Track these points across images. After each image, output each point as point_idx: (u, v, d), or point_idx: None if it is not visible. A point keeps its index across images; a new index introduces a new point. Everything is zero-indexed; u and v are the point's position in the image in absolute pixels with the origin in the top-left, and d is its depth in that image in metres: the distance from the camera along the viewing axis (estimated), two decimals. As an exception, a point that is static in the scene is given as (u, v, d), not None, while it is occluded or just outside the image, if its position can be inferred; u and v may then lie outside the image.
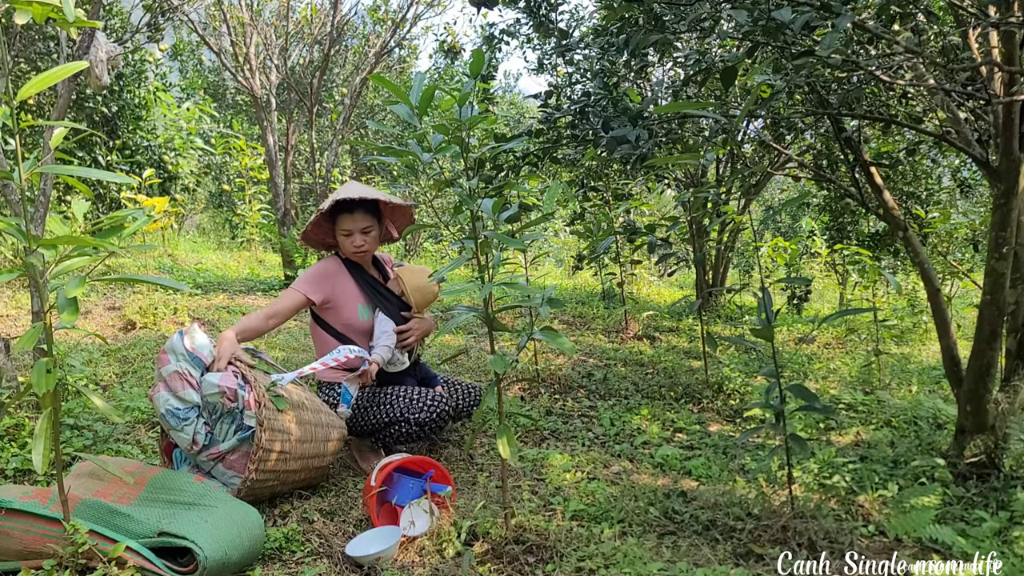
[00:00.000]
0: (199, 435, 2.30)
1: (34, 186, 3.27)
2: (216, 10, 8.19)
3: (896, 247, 5.82)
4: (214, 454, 2.34)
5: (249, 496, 2.32)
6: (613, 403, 3.70)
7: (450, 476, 2.43)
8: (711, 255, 6.36)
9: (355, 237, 2.81)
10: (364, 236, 2.82)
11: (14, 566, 1.83)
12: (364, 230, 2.81)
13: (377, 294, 2.90)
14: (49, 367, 1.70)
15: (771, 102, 3.01)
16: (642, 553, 2.10)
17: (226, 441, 2.34)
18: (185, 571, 1.84)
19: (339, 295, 2.83)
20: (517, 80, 23.90)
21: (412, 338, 2.88)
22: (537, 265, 8.76)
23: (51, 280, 1.79)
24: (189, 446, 2.31)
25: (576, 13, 5.42)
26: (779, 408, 2.23)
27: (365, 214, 2.81)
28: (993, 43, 2.56)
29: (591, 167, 4.85)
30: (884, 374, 4.27)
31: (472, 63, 2.05)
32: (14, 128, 1.63)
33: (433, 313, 5.86)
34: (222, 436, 2.36)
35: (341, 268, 2.88)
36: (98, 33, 3.61)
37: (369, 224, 2.82)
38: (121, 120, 7.84)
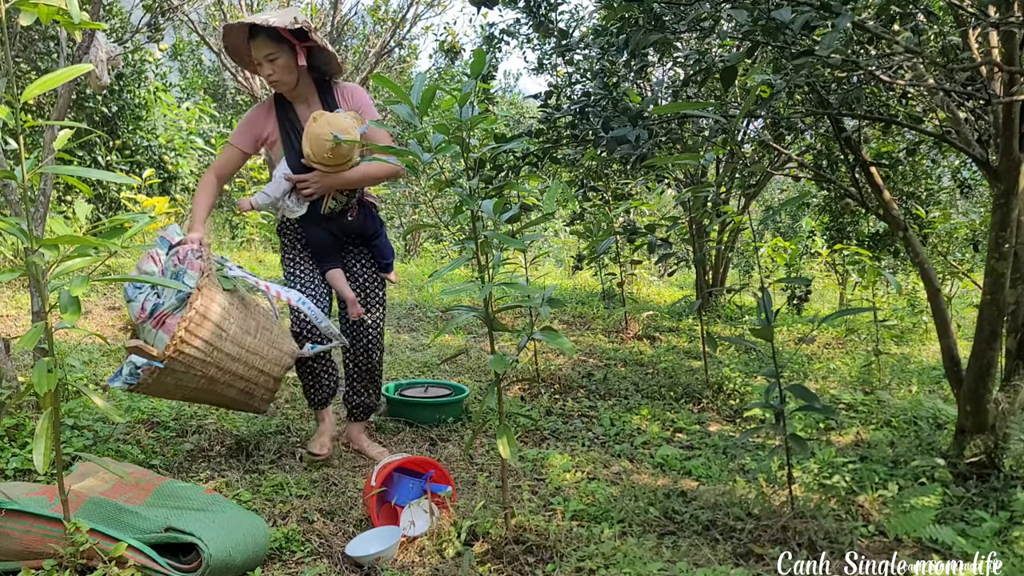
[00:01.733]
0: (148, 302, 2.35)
1: (34, 186, 3.27)
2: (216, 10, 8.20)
3: (896, 247, 5.82)
4: (157, 318, 2.35)
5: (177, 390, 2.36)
6: (613, 403, 3.70)
7: (450, 476, 2.43)
8: (711, 255, 6.36)
9: (264, 66, 2.61)
10: (271, 64, 2.59)
11: (14, 566, 1.83)
12: (268, 57, 2.58)
13: (287, 136, 2.72)
14: (50, 367, 1.70)
15: (771, 102, 3.01)
16: (642, 553, 2.10)
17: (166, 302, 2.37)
18: (188, 568, 1.84)
19: (268, 138, 2.75)
20: (517, 80, 23.87)
21: (308, 189, 2.68)
22: (537, 265, 8.76)
23: (51, 280, 1.79)
24: (138, 314, 2.36)
25: (576, 13, 5.43)
26: (779, 408, 2.23)
27: (266, 40, 2.56)
28: (993, 43, 2.57)
29: (591, 167, 4.85)
30: (884, 374, 4.27)
31: (472, 63, 2.05)
32: (16, 129, 1.64)
33: (433, 313, 5.87)
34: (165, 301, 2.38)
35: (271, 109, 2.74)
36: (98, 33, 3.61)
37: (271, 51, 2.57)
38: (121, 120, 7.83)
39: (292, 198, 2.73)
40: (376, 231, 2.88)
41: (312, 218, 2.76)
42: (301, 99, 2.73)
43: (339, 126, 2.56)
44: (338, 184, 2.69)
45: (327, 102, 2.74)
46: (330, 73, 2.76)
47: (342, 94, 2.77)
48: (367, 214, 2.84)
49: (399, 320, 5.66)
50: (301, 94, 2.73)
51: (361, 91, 2.82)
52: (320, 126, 2.57)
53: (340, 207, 2.77)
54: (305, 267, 2.82)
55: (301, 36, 2.58)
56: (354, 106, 2.75)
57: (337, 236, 2.82)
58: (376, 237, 2.89)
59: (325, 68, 2.73)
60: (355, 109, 2.74)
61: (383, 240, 2.92)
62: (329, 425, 2.85)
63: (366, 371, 2.92)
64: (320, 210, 2.75)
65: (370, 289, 2.89)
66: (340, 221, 2.79)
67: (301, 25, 2.50)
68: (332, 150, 2.57)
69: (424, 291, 6.71)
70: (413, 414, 3.30)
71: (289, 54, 2.60)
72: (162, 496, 2.13)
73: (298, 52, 2.61)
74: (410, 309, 6.02)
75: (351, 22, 9.81)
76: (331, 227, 2.80)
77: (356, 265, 2.89)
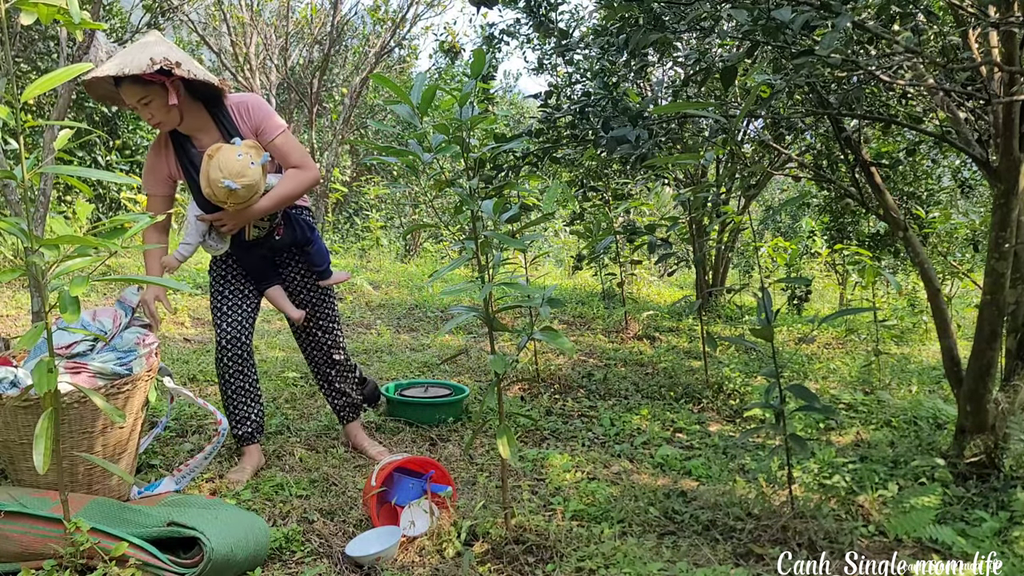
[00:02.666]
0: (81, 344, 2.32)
1: (34, 186, 3.27)
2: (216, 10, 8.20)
3: (896, 247, 5.82)
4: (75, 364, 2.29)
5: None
6: (613, 403, 3.70)
7: (450, 476, 2.43)
8: (711, 255, 6.36)
9: (141, 111, 2.43)
10: (146, 108, 2.41)
11: (14, 567, 1.84)
12: (140, 102, 2.39)
13: (188, 175, 2.56)
14: (50, 367, 1.70)
15: (771, 102, 3.01)
16: (642, 553, 2.10)
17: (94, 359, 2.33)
18: (190, 563, 1.85)
19: (174, 177, 2.61)
20: (517, 80, 23.87)
21: (225, 227, 2.57)
22: (537, 265, 8.76)
23: (51, 280, 1.79)
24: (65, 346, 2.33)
25: (576, 13, 5.43)
26: (779, 408, 2.23)
27: (131, 86, 2.37)
28: (993, 43, 2.57)
29: (591, 167, 4.85)
30: (884, 374, 4.27)
31: (472, 63, 2.05)
32: (17, 128, 1.64)
33: (433, 313, 5.87)
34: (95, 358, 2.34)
35: (167, 146, 2.58)
36: (98, 33, 3.61)
37: (141, 95, 2.38)
38: (121, 120, 7.83)
39: (212, 236, 2.63)
40: (307, 238, 2.74)
41: (239, 246, 2.67)
42: (196, 129, 2.55)
43: (231, 169, 2.39)
44: (252, 217, 2.56)
45: (224, 127, 2.54)
46: (215, 99, 2.53)
47: (238, 112, 2.56)
48: (295, 225, 2.71)
49: (399, 320, 5.66)
50: (193, 126, 2.53)
51: (256, 103, 2.59)
52: (213, 169, 2.40)
53: (264, 232, 2.66)
54: (234, 290, 2.71)
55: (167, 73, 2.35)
56: (253, 125, 2.56)
57: (268, 256, 2.74)
58: (309, 244, 2.75)
59: (207, 93, 2.51)
60: (254, 128, 2.56)
61: (316, 246, 2.77)
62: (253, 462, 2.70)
63: (334, 374, 2.87)
64: (244, 239, 2.65)
65: (313, 297, 2.81)
66: (268, 242, 2.69)
67: (160, 64, 2.29)
68: (231, 194, 2.42)
69: (424, 291, 6.71)
70: (413, 414, 3.30)
71: (160, 94, 2.40)
72: (166, 503, 2.15)
73: (169, 90, 2.41)
74: (410, 309, 6.02)
75: (351, 22, 9.81)
76: (261, 250, 2.71)
77: (295, 277, 2.79)
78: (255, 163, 2.43)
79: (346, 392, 2.91)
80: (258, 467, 2.69)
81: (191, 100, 2.49)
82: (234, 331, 2.66)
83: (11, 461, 2.17)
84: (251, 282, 2.76)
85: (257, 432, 2.73)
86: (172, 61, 2.31)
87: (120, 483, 2.27)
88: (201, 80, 2.40)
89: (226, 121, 2.54)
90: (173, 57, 2.32)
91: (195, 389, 3.57)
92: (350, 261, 8.22)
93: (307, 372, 3.94)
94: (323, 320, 2.83)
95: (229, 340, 2.65)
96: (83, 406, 2.10)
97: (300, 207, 2.76)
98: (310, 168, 2.60)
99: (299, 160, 2.58)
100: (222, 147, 2.43)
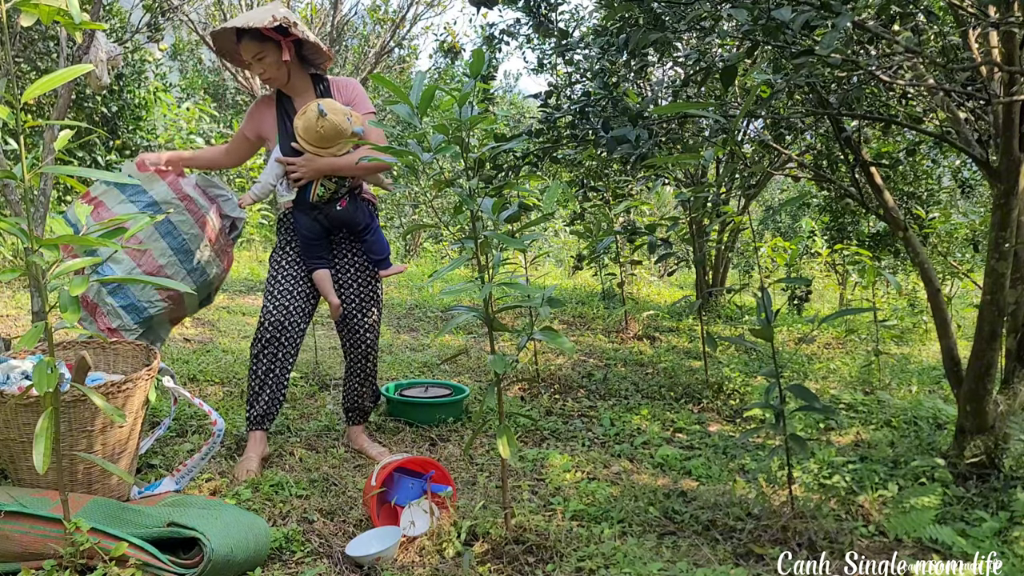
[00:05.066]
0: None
1: (34, 187, 3.27)
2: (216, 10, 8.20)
3: (896, 247, 5.82)
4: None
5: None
6: (613, 403, 3.70)
7: (450, 476, 2.43)
8: (711, 255, 6.36)
9: (254, 66, 2.69)
10: (260, 63, 2.67)
11: (14, 567, 1.84)
12: (256, 57, 2.65)
13: (282, 123, 2.78)
14: (50, 367, 1.70)
15: (771, 102, 3.01)
16: (642, 553, 2.10)
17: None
18: (190, 564, 1.85)
19: (266, 128, 2.82)
20: (517, 80, 23.90)
21: (297, 172, 2.70)
22: (537, 265, 8.76)
23: (51, 280, 1.79)
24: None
25: (576, 13, 5.43)
26: (779, 408, 2.23)
27: (251, 41, 2.63)
28: (993, 43, 2.57)
29: (591, 167, 4.85)
30: (884, 374, 4.27)
31: (472, 63, 2.05)
32: (17, 129, 1.64)
33: (433, 313, 5.87)
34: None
35: (272, 102, 2.82)
36: (98, 33, 3.61)
37: (258, 51, 2.64)
38: (121, 120, 7.83)
39: (283, 183, 2.76)
40: (366, 225, 2.82)
41: (301, 206, 2.77)
42: (297, 92, 2.78)
43: (333, 107, 2.62)
44: (325, 168, 2.69)
45: (322, 94, 2.79)
46: (319, 63, 2.80)
47: (336, 87, 2.80)
48: (358, 206, 2.80)
49: (399, 320, 5.66)
50: (296, 88, 2.77)
51: (354, 84, 2.84)
52: (317, 105, 2.62)
53: (329, 195, 2.74)
54: (288, 275, 2.80)
55: (283, 32, 2.62)
56: (347, 98, 2.78)
57: (326, 227, 2.79)
58: (367, 231, 2.83)
59: (314, 59, 2.78)
60: (348, 101, 2.77)
61: (375, 234, 2.85)
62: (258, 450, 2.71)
63: (362, 375, 2.90)
64: (308, 197, 2.74)
65: (362, 287, 2.85)
66: (329, 210, 2.76)
67: (280, 22, 2.54)
68: (321, 126, 2.60)
69: (424, 291, 6.70)
70: (413, 414, 3.29)
71: (275, 51, 2.64)
72: (167, 503, 2.15)
73: (283, 47, 2.65)
74: (410, 309, 6.02)
75: (351, 22, 9.81)
76: (319, 217, 2.77)
77: (346, 262, 2.85)
78: (351, 119, 2.66)
79: (364, 396, 2.93)
80: (264, 456, 2.73)
81: (299, 63, 2.75)
82: (278, 313, 2.73)
83: (11, 461, 2.17)
84: (304, 268, 2.83)
85: (264, 418, 2.75)
86: (291, 20, 2.57)
87: (120, 483, 2.27)
88: (312, 42, 2.68)
89: (324, 91, 2.78)
90: (292, 18, 2.59)
91: (195, 389, 3.56)
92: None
93: (307, 372, 3.94)
94: (367, 315, 2.86)
95: (271, 321, 2.73)
96: (83, 405, 2.10)
97: (367, 198, 2.88)
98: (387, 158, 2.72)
99: (376, 141, 2.73)
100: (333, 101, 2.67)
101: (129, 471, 2.31)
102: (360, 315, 2.85)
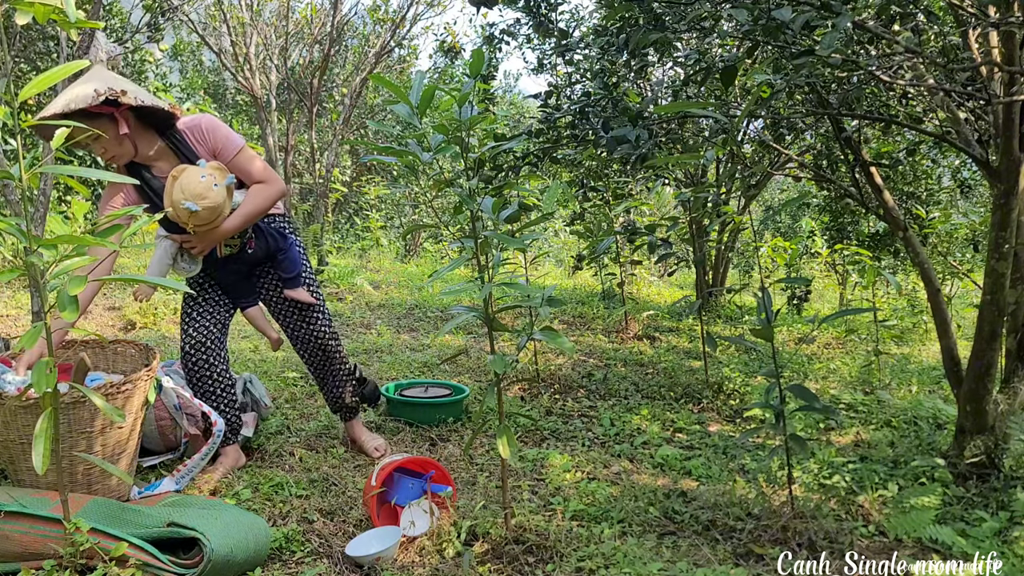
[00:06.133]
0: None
1: (33, 186, 3.27)
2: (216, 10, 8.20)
3: (896, 247, 5.82)
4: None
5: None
6: (613, 403, 3.70)
7: (450, 476, 2.43)
8: (711, 255, 6.36)
9: (95, 147, 2.31)
10: (99, 143, 2.31)
11: (14, 567, 1.84)
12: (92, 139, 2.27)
13: (151, 199, 2.48)
14: (49, 367, 1.70)
15: (771, 102, 3.01)
16: (642, 553, 2.10)
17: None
18: (190, 564, 1.85)
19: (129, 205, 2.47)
20: (517, 80, 23.85)
21: (196, 249, 2.51)
22: (537, 265, 8.76)
23: (51, 280, 1.79)
24: None
25: (576, 13, 5.43)
26: (779, 408, 2.23)
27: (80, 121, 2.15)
28: (993, 43, 2.57)
29: (591, 167, 4.85)
30: (884, 374, 4.27)
31: (471, 63, 2.05)
32: (15, 128, 1.64)
33: (433, 313, 5.87)
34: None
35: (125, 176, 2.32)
36: (98, 33, 3.61)
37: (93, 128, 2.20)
38: (121, 120, 7.83)
39: (183, 258, 2.58)
40: (279, 247, 2.67)
41: (213, 263, 2.63)
42: (153, 159, 2.47)
43: (193, 191, 2.32)
44: (221, 237, 2.49)
45: (181, 152, 2.46)
46: (167, 125, 2.44)
47: (193, 136, 2.47)
48: (267, 237, 2.65)
49: (399, 320, 5.66)
50: (150, 155, 2.45)
51: (209, 124, 2.49)
52: (176, 191, 2.33)
53: (236, 248, 2.62)
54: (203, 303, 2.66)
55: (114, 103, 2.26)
56: (210, 147, 2.48)
57: (244, 271, 2.70)
58: (280, 252, 2.68)
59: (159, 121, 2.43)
60: (211, 150, 2.48)
61: (288, 254, 2.68)
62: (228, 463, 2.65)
63: (331, 377, 2.83)
64: (216, 256, 2.61)
65: (291, 309, 2.75)
66: (242, 257, 2.64)
67: (106, 94, 2.19)
68: (193, 215, 2.34)
69: (424, 291, 6.70)
70: (413, 414, 3.29)
71: (110, 126, 2.31)
72: (167, 503, 2.14)
73: (119, 121, 2.32)
74: (410, 309, 6.02)
75: (351, 22, 9.81)
76: (236, 266, 2.67)
77: (273, 286, 2.75)
78: (218, 184, 2.37)
79: (342, 394, 2.87)
80: (234, 467, 2.65)
81: (143, 128, 2.42)
82: (199, 335, 2.61)
83: (11, 461, 2.17)
84: (227, 296, 2.73)
85: (230, 435, 2.68)
86: (117, 90, 2.23)
87: (120, 483, 2.27)
88: (149, 106, 2.32)
89: (182, 146, 2.45)
90: (118, 86, 2.25)
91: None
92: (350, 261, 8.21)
93: (307, 372, 3.94)
94: (313, 322, 2.75)
95: (192, 345, 2.61)
96: (83, 406, 2.10)
97: (273, 215, 2.70)
98: (274, 181, 2.54)
99: (261, 175, 2.52)
100: (187, 168, 2.36)
101: (129, 471, 2.31)
102: (306, 325, 2.75)
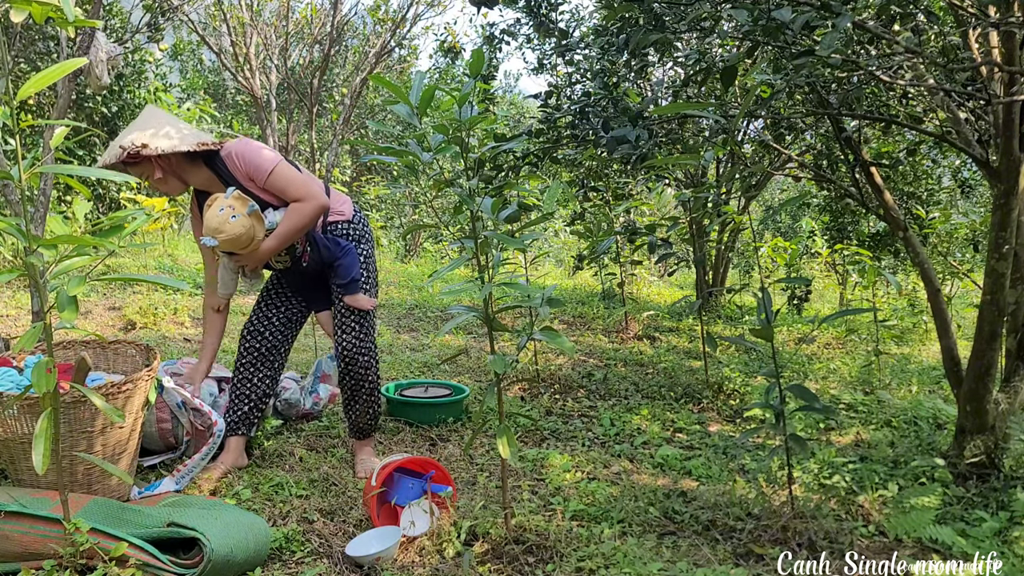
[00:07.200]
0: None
1: (34, 186, 3.27)
2: (216, 10, 8.21)
3: (896, 247, 5.82)
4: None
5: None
6: (613, 403, 3.70)
7: (450, 476, 2.43)
8: (711, 255, 6.36)
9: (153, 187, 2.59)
10: (151, 185, 2.56)
11: (14, 567, 1.84)
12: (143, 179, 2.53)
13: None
14: (49, 367, 1.69)
15: (771, 102, 3.01)
16: (642, 553, 2.10)
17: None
18: (190, 563, 1.85)
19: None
20: (517, 80, 23.87)
21: (248, 267, 2.66)
22: (537, 265, 8.76)
23: (51, 280, 1.79)
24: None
25: (576, 13, 5.43)
26: (779, 408, 2.23)
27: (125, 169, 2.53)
28: (993, 43, 2.57)
29: (591, 167, 4.85)
30: (884, 374, 4.27)
31: (471, 63, 2.05)
32: (14, 128, 1.64)
33: (433, 313, 5.87)
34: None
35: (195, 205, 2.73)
36: (98, 33, 3.60)
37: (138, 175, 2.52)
38: (121, 120, 7.83)
39: (244, 277, 2.74)
40: (335, 256, 2.69)
41: (280, 270, 2.78)
42: (206, 186, 2.63)
43: (209, 226, 2.45)
44: (264, 258, 2.60)
45: (225, 180, 2.58)
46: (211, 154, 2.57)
47: (232, 161, 2.57)
48: (320, 247, 2.68)
49: (399, 320, 5.66)
50: (202, 183, 2.61)
51: (242, 148, 2.58)
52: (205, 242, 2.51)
53: (289, 263, 2.71)
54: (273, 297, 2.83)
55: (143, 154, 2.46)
56: (243, 173, 2.56)
57: (306, 279, 2.79)
58: (336, 260, 2.70)
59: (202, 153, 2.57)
60: (245, 174, 2.56)
61: (345, 260, 2.69)
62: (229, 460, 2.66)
63: (354, 393, 2.75)
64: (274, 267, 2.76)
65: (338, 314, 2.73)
66: (298, 268, 2.72)
67: (127, 150, 2.41)
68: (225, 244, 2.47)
69: (424, 291, 6.70)
70: (413, 414, 3.29)
71: (148, 169, 2.52)
72: (167, 503, 2.15)
73: (154, 166, 2.51)
74: (410, 309, 6.02)
75: (351, 22, 9.82)
76: (294, 277, 2.78)
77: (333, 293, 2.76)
78: (236, 216, 2.44)
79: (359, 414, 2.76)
80: (234, 466, 2.65)
81: (187, 163, 2.56)
82: (259, 323, 2.77)
83: (11, 461, 2.17)
84: (300, 297, 2.84)
85: (242, 424, 2.71)
86: (137, 145, 2.42)
87: (120, 483, 2.27)
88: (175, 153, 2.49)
89: (223, 172, 2.57)
90: (139, 140, 2.43)
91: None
92: (350, 261, 8.19)
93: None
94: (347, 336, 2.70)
95: (249, 331, 2.77)
96: (83, 406, 2.10)
97: (336, 221, 2.73)
98: (311, 198, 2.56)
99: (298, 193, 2.56)
100: (216, 199, 2.49)
101: (129, 471, 2.31)
102: (339, 332, 2.73)
